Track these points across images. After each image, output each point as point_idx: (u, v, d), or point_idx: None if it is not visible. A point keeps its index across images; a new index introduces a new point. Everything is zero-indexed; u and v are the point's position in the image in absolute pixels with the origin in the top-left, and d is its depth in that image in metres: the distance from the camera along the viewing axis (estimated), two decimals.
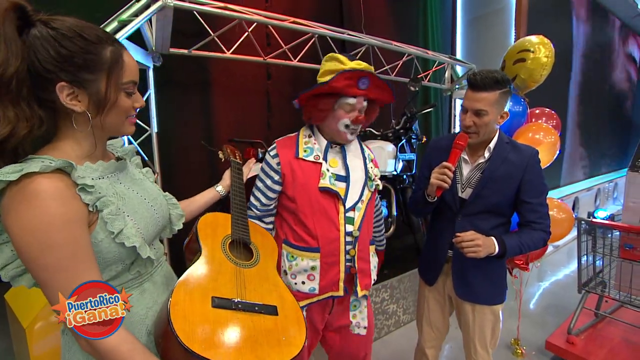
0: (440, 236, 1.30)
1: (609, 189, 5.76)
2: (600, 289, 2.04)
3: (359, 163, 1.15)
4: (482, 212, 1.21)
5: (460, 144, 1.15)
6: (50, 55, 0.57)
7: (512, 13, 3.56)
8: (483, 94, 1.12)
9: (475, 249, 1.09)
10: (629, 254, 1.92)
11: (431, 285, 1.37)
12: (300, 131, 1.15)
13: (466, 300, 1.28)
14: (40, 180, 0.56)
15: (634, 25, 6.63)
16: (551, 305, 2.64)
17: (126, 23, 1.48)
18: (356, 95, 1.04)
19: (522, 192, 1.18)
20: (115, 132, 0.70)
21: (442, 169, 1.13)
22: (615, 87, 6.71)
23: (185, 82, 2.08)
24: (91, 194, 0.62)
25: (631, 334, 2.00)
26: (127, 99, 0.67)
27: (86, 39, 0.60)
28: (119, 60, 0.63)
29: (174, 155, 2.06)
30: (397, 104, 2.61)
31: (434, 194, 1.17)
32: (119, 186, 0.70)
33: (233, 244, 0.93)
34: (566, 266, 3.45)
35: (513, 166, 1.17)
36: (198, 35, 1.87)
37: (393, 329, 2.35)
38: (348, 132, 1.09)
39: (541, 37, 2.61)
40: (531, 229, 1.18)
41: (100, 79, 0.62)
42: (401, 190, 2.57)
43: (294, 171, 1.07)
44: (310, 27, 2.09)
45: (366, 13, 2.72)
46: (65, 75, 0.59)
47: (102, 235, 0.63)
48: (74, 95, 0.61)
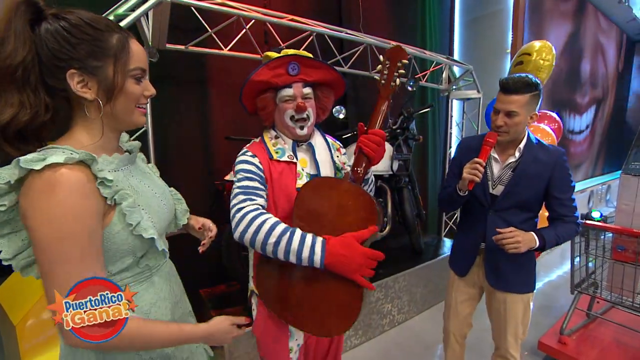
0: (472, 230, 1.40)
1: (602, 191, 5.83)
2: (592, 290, 2.07)
3: (326, 157, 1.11)
4: (512, 207, 1.30)
5: (490, 141, 1.24)
6: (60, 45, 0.60)
7: (509, 15, 3.58)
8: (514, 96, 1.21)
9: (515, 245, 1.17)
10: (620, 256, 1.94)
11: (462, 276, 1.46)
12: (263, 136, 1.08)
13: (499, 290, 1.36)
14: (63, 171, 0.57)
15: (627, 29, 6.70)
16: (544, 306, 2.66)
17: (122, 17, 1.46)
18: (291, 83, 1.00)
19: (552, 188, 1.27)
20: (126, 121, 0.70)
21: (474, 164, 1.21)
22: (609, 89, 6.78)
23: (181, 78, 2.07)
24: (110, 187, 0.63)
25: (622, 334, 2.03)
26: (136, 85, 0.68)
27: (94, 27, 0.62)
28: (125, 46, 0.65)
29: (169, 152, 2.04)
30: (394, 104, 2.63)
31: (465, 188, 1.25)
32: (132, 179, 0.72)
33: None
34: (559, 267, 3.49)
35: (543, 165, 1.27)
36: (195, 31, 1.86)
37: (387, 329, 2.36)
38: (296, 126, 1.02)
39: (543, 42, 2.66)
40: (563, 222, 1.28)
41: (107, 65, 0.63)
42: (397, 190, 2.57)
43: (272, 173, 1.01)
44: (309, 25, 2.08)
45: (365, 12, 2.71)
46: (75, 63, 0.61)
47: (119, 227, 0.64)
48: (84, 83, 0.63)
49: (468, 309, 1.50)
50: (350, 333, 2.15)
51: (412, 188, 2.67)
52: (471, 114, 3.35)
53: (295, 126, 1.02)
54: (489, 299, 1.45)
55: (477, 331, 1.69)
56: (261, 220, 0.89)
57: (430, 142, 3.46)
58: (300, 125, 1.03)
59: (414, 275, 2.47)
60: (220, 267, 2.08)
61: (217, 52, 1.95)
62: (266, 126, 1.10)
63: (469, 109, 3.37)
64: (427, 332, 2.32)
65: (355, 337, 2.18)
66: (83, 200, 0.58)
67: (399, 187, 2.56)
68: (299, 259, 0.87)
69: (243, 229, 0.90)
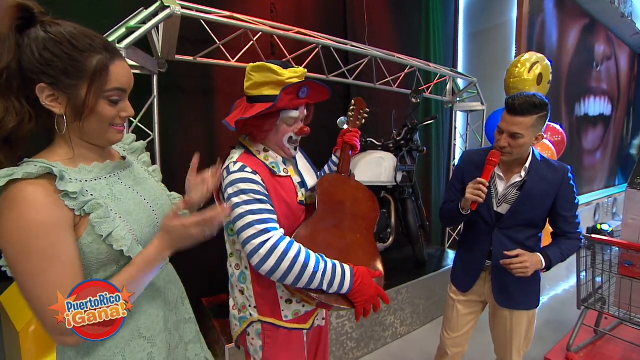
0: (476, 247, 1.38)
1: (608, 204, 5.76)
2: (599, 305, 2.02)
3: (305, 164, 1.13)
4: (518, 225, 1.29)
5: (493, 160, 1.22)
6: (34, 57, 0.59)
7: (513, 28, 3.62)
8: (520, 118, 1.16)
9: (523, 270, 1.18)
10: (628, 271, 1.91)
11: (465, 292, 1.44)
12: (250, 150, 0.99)
13: (505, 307, 1.35)
14: (23, 187, 0.57)
15: (631, 42, 6.73)
16: (551, 321, 2.61)
17: (134, 30, 1.50)
18: (298, 106, 0.97)
19: (558, 206, 1.27)
20: (99, 139, 0.69)
21: (477, 185, 1.20)
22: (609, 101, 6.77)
23: (189, 89, 2.10)
24: (75, 199, 0.61)
25: (631, 352, 1.98)
26: (111, 107, 0.65)
27: (73, 46, 0.61)
28: (104, 69, 0.63)
29: (176, 161, 2.06)
30: (399, 115, 2.64)
31: (468, 208, 1.24)
32: (118, 186, 0.71)
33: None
34: (565, 281, 3.43)
35: (549, 184, 1.25)
36: (203, 42, 1.90)
37: (390, 341, 2.32)
38: (292, 147, 1.01)
39: (530, 54, 2.71)
40: (567, 239, 1.29)
41: (81, 86, 0.62)
42: (401, 201, 2.57)
43: (276, 191, 0.96)
44: (315, 37, 2.12)
45: (370, 25, 2.76)
46: (46, 78, 0.60)
47: (92, 237, 0.63)
48: (54, 98, 0.62)
49: (470, 324, 1.47)
50: (352, 345, 2.12)
51: (415, 199, 2.67)
52: (475, 126, 3.36)
53: (291, 147, 1.01)
54: (493, 314, 1.44)
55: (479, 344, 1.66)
56: (294, 254, 0.85)
57: (434, 154, 3.47)
58: (295, 147, 1.02)
59: (417, 286, 2.45)
60: (222, 275, 2.07)
61: (224, 64, 1.99)
62: (245, 138, 1.02)
63: (472, 120, 3.38)
64: (430, 345, 2.28)
65: (357, 349, 2.15)
66: (41, 214, 0.57)
67: (402, 198, 2.56)
68: (329, 287, 0.89)
69: (274, 265, 0.84)
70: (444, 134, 3.57)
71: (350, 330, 2.09)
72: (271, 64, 0.92)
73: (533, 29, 3.99)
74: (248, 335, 1.05)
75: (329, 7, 2.63)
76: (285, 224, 0.95)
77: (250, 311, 1.02)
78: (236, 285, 1.05)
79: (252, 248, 0.85)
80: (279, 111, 0.95)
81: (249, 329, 1.04)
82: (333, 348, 2.03)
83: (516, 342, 1.36)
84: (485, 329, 1.53)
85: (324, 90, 1.01)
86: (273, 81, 0.92)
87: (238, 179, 0.90)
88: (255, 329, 1.03)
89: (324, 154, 1.46)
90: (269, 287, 1.00)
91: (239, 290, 1.05)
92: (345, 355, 2.10)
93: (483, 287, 1.41)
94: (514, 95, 1.19)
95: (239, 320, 1.06)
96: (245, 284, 1.02)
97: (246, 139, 1.02)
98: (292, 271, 0.85)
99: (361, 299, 0.91)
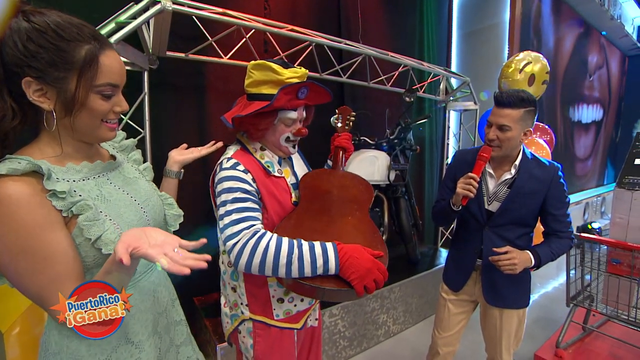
0: (467, 245, 1.39)
1: (597, 203, 5.87)
2: (588, 302, 2.06)
3: (301, 165, 1.13)
4: (508, 223, 1.30)
5: (484, 155, 1.23)
6: (17, 49, 0.55)
7: (506, 29, 3.65)
8: (507, 110, 1.20)
9: (512, 267, 1.18)
10: (616, 269, 1.95)
11: (457, 291, 1.45)
12: (246, 147, 1.00)
13: (495, 306, 1.37)
14: (7, 184, 0.55)
15: (620, 44, 6.85)
16: (540, 318, 2.65)
17: (123, 25, 1.47)
18: (297, 107, 0.97)
19: (548, 205, 1.28)
20: (90, 136, 0.66)
21: (468, 179, 1.21)
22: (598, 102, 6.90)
23: (181, 86, 2.08)
24: (63, 199, 0.59)
25: (618, 348, 2.02)
26: (103, 102, 0.63)
27: (59, 35, 0.57)
28: (93, 60, 0.59)
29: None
30: (392, 114, 2.65)
31: (459, 203, 1.25)
32: (107, 187, 0.69)
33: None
34: (555, 279, 3.49)
35: (539, 182, 1.26)
36: (195, 39, 1.87)
37: (383, 339, 2.33)
38: (290, 145, 1.00)
39: (525, 53, 2.72)
40: (558, 238, 1.30)
41: (70, 78, 0.58)
42: (394, 200, 2.58)
43: (270, 191, 0.96)
44: (308, 35, 2.11)
45: (364, 24, 2.75)
46: (32, 71, 0.56)
47: (78, 240, 0.62)
48: (42, 92, 0.58)
49: (461, 323, 1.49)
50: (345, 344, 2.13)
51: (408, 198, 2.68)
52: (468, 125, 3.39)
53: (289, 146, 1.01)
54: (484, 313, 1.45)
55: (470, 343, 1.67)
56: (264, 245, 0.83)
57: (427, 153, 3.49)
58: (293, 145, 1.02)
59: (410, 285, 2.46)
60: (214, 274, 2.05)
61: (216, 60, 1.97)
62: (242, 134, 1.02)
63: (465, 120, 3.41)
64: (422, 343, 2.30)
65: (350, 347, 2.16)
66: (30, 214, 0.56)
67: (395, 197, 2.57)
68: (314, 270, 0.82)
69: (247, 261, 0.83)
70: (437, 133, 3.59)
71: (342, 329, 2.10)
72: (272, 63, 0.92)
73: (527, 30, 4.03)
74: (239, 333, 1.05)
75: (323, 5, 2.62)
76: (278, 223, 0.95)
77: (241, 309, 1.02)
78: (228, 282, 1.05)
79: (229, 249, 0.86)
80: (276, 111, 0.94)
81: (240, 327, 1.04)
82: (325, 347, 2.03)
83: (506, 340, 1.37)
84: (476, 327, 1.55)
85: (324, 92, 1.01)
86: (272, 80, 0.92)
87: (227, 177, 0.91)
88: (246, 327, 1.02)
89: (318, 153, 1.46)
90: (261, 286, 0.99)
91: (231, 287, 1.04)
92: (338, 353, 2.10)
93: (474, 287, 1.42)
94: (502, 90, 1.22)
95: (230, 318, 1.06)
96: (237, 282, 1.02)
97: (243, 136, 1.02)
98: (266, 261, 0.82)
99: (355, 275, 0.82)
